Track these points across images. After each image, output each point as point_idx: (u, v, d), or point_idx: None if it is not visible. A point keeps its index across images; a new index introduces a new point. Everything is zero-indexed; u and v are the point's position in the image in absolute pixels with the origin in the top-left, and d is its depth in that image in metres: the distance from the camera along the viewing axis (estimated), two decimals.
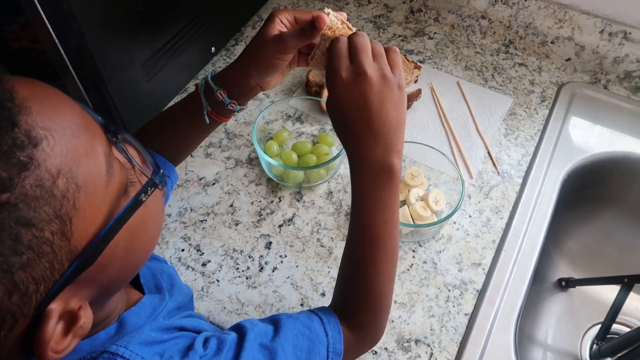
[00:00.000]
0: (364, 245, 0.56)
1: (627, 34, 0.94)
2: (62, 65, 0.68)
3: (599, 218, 0.99)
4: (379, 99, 0.52)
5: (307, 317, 0.55)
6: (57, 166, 0.31)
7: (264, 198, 0.84)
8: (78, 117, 0.35)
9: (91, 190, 0.34)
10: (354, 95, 0.52)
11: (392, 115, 0.53)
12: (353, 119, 0.53)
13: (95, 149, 0.35)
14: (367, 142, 0.53)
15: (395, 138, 0.53)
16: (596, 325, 0.89)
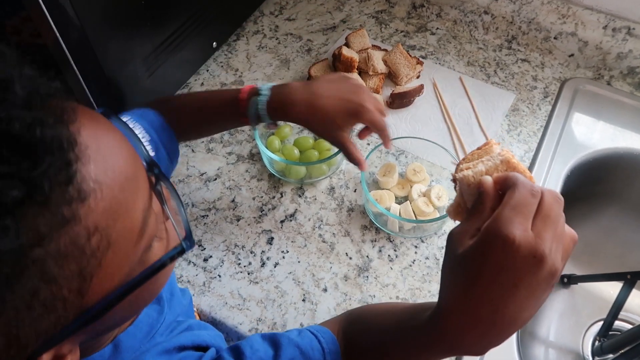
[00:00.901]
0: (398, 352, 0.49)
1: (631, 30, 0.94)
2: (64, 59, 0.68)
3: (602, 214, 0.98)
4: (532, 294, 0.38)
5: (309, 345, 0.53)
6: (96, 223, 0.29)
7: (266, 193, 0.84)
8: (130, 167, 0.33)
9: (120, 248, 0.32)
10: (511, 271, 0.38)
11: (521, 307, 0.39)
12: (477, 293, 0.39)
13: (136, 204, 0.33)
14: (469, 325, 0.40)
15: (503, 332, 0.40)
16: (598, 322, 0.89)
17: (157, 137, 0.65)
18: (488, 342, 0.40)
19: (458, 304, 0.40)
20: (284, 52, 1.04)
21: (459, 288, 0.40)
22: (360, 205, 0.82)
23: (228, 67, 1.02)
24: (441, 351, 0.44)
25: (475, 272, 0.39)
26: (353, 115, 0.65)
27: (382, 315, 0.57)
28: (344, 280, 0.75)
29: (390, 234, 0.79)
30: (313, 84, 0.67)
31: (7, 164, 0.25)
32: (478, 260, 0.39)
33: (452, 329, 0.41)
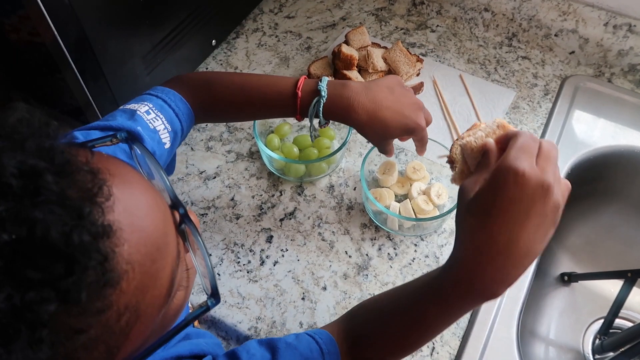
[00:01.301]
0: (411, 327, 0.52)
1: (632, 27, 0.93)
2: (62, 58, 0.68)
3: (602, 212, 0.98)
4: (542, 223, 0.42)
5: (307, 348, 0.53)
6: (127, 303, 0.28)
7: (265, 192, 0.84)
8: (160, 233, 0.32)
9: (148, 316, 0.31)
10: (523, 201, 0.41)
11: (533, 237, 0.42)
12: (494, 226, 0.42)
13: (166, 270, 0.32)
14: (487, 257, 0.42)
15: (518, 265, 0.42)
16: (599, 320, 0.89)
17: (181, 126, 0.64)
18: (505, 276, 0.42)
19: (476, 239, 0.43)
20: (284, 49, 1.04)
21: (476, 224, 0.43)
22: (359, 204, 0.82)
23: (227, 65, 1.01)
24: (459, 297, 0.45)
25: (490, 205, 0.42)
26: (408, 131, 0.65)
27: (382, 299, 0.57)
28: (344, 278, 0.75)
29: (390, 232, 0.79)
30: (374, 89, 0.64)
31: (40, 271, 0.24)
32: (492, 195, 0.42)
33: (472, 266, 0.43)
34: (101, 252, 0.26)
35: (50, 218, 0.24)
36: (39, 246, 0.24)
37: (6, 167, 0.24)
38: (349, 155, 0.88)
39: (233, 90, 0.67)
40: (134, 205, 0.30)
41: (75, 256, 0.25)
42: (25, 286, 0.23)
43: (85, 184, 0.27)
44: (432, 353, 0.68)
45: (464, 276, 0.44)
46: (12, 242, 0.23)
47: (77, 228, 0.25)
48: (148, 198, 0.32)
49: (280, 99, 0.65)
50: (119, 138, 0.36)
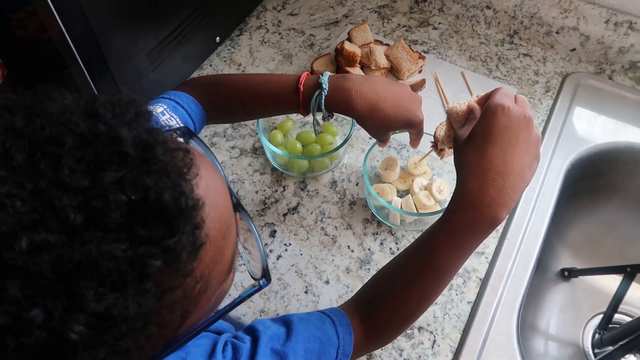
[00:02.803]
0: (425, 272, 0.55)
1: (633, 24, 0.94)
2: (69, 54, 0.68)
3: (602, 208, 0.99)
4: (528, 149, 0.51)
5: (318, 319, 0.55)
6: (202, 272, 0.32)
7: (269, 187, 0.85)
8: (228, 212, 0.35)
9: (213, 288, 0.35)
10: (512, 128, 0.50)
11: (523, 160, 0.50)
12: (490, 151, 0.50)
13: (230, 245, 0.36)
14: (488, 178, 0.49)
15: (514, 187, 0.49)
16: (598, 315, 0.90)
17: (194, 126, 0.66)
18: (505, 197, 0.49)
19: (475, 166, 0.50)
20: (287, 46, 1.05)
21: (474, 153, 0.51)
22: (362, 199, 0.83)
23: (231, 62, 1.02)
24: (468, 226, 0.51)
25: (484, 135, 0.51)
26: (407, 124, 0.67)
27: (390, 262, 0.60)
28: (346, 272, 0.76)
29: (392, 227, 0.80)
30: (375, 82, 0.66)
31: (149, 229, 0.27)
32: (484, 127, 0.51)
33: (475, 190, 0.50)
34: (195, 220, 0.30)
35: (161, 185, 0.28)
36: (151, 208, 0.27)
37: (126, 139, 0.28)
38: (352, 151, 0.89)
39: (239, 88, 0.69)
40: (212, 185, 0.34)
41: (178, 220, 0.28)
42: (137, 241, 0.27)
43: (180, 161, 0.30)
44: (433, 346, 0.69)
45: (469, 202, 0.50)
46: (130, 202, 0.27)
47: (182, 195, 0.29)
48: (221, 180, 0.36)
49: (283, 94, 0.67)
50: (178, 133, 0.40)
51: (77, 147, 0.27)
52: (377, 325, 0.57)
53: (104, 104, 0.30)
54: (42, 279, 0.25)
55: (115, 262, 0.26)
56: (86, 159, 0.27)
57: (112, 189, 0.26)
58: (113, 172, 0.27)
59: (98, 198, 0.26)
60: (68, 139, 0.27)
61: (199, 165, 0.32)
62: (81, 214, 0.26)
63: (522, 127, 0.50)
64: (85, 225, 0.26)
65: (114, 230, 0.26)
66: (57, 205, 0.25)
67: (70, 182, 0.26)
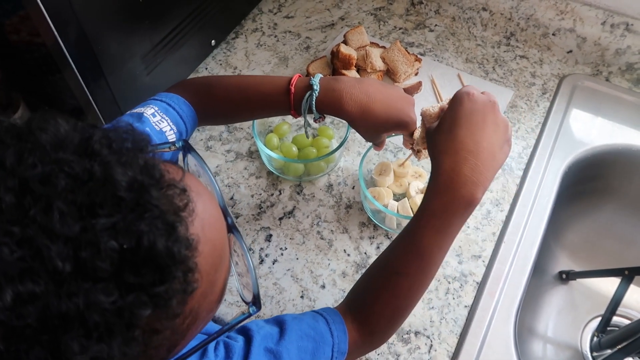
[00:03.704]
0: (410, 260, 0.55)
1: (629, 26, 0.94)
2: (62, 58, 0.68)
3: (600, 210, 0.98)
4: (497, 130, 0.53)
5: (312, 318, 0.55)
6: (191, 307, 0.31)
7: (264, 191, 0.84)
8: (223, 241, 0.35)
9: (202, 319, 0.34)
10: (479, 111, 0.53)
11: (492, 140, 0.53)
12: (460, 132, 0.53)
13: (222, 277, 0.35)
14: (460, 158, 0.51)
15: (487, 166, 0.52)
16: (596, 318, 0.89)
17: (185, 127, 0.66)
18: (479, 176, 0.51)
19: (447, 148, 0.52)
20: (283, 49, 1.05)
21: (445, 137, 0.53)
22: (358, 202, 0.83)
23: (227, 65, 1.02)
24: (446, 207, 0.52)
25: (454, 119, 0.54)
26: (399, 125, 0.66)
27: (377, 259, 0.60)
28: (342, 276, 0.75)
29: (388, 231, 0.79)
30: (367, 84, 0.66)
31: (139, 277, 0.26)
32: (453, 113, 0.54)
33: (449, 171, 0.51)
34: (188, 264, 0.29)
35: (154, 231, 0.27)
36: (143, 256, 0.27)
37: (121, 182, 0.27)
38: (348, 154, 0.89)
39: (231, 90, 0.68)
40: (207, 219, 0.33)
41: (170, 267, 0.28)
42: (127, 290, 0.26)
43: (175, 199, 0.30)
44: (430, 350, 0.69)
45: (445, 183, 0.52)
46: (122, 250, 0.26)
47: (176, 242, 0.28)
48: (215, 211, 0.35)
49: (275, 96, 0.66)
50: (177, 146, 0.39)
51: (70, 189, 0.26)
52: (370, 321, 0.57)
53: (99, 140, 0.29)
54: (27, 329, 0.24)
55: (103, 314, 0.25)
56: (78, 202, 0.26)
57: (103, 236, 0.26)
58: (105, 217, 0.26)
59: (89, 246, 0.25)
60: (60, 180, 0.26)
61: (196, 198, 0.31)
62: (70, 263, 0.25)
63: (488, 110, 0.54)
64: (73, 275, 0.25)
65: (103, 280, 0.26)
66: (46, 255, 0.24)
67: (60, 228, 0.25)
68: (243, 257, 0.38)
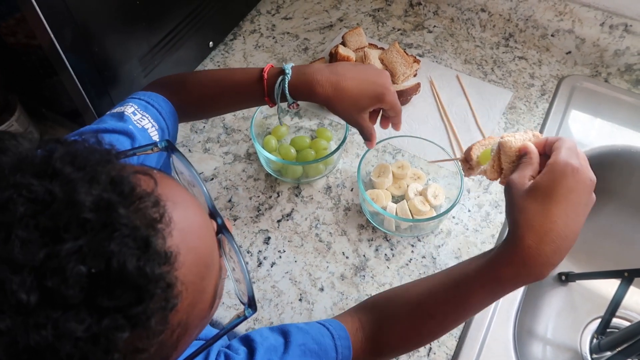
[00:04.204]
0: (450, 311, 0.54)
1: (628, 27, 0.94)
2: (59, 60, 0.68)
3: (599, 212, 0.98)
4: (585, 212, 0.48)
5: (317, 332, 0.54)
6: (179, 320, 0.30)
7: (263, 193, 0.84)
8: (209, 248, 0.34)
9: (194, 328, 0.33)
10: (578, 191, 0.47)
11: (581, 223, 0.48)
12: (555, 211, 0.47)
13: (211, 284, 0.34)
14: (548, 239, 0.47)
15: (568, 249, 0.48)
16: (596, 320, 0.89)
17: (165, 124, 0.66)
18: (556, 258, 0.47)
19: (537, 222, 0.47)
20: (281, 51, 1.04)
21: (538, 209, 0.47)
22: (356, 205, 0.82)
23: (225, 66, 1.01)
24: (511, 278, 0.49)
25: (550, 193, 0.47)
26: (377, 97, 0.66)
27: (411, 286, 0.59)
28: (341, 279, 0.75)
29: (387, 233, 0.79)
30: (337, 65, 0.67)
31: (114, 300, 0.25)
32: (553, 184, 0.47)
33: (531, 247, 0.47)
34: (166, 280, 0.28)
35: (124, 251, 0.26)
36: (114, 278, 0.25)
37: (84, 203, 0.26)
38: (346, 157, 0.88)
39: (206, 83, 0.69)
40: (188, 228, 0.31)
41: (146, 285, 0.26)
42: (101, 314, 0.25)
43: (148, 212, 0.28)
44: (429, 354, 0.68)
45: (522, 258, 0.47)
46: (91, 275, 0.25)
47: (148, 260, 0.26)
48: (198, 218, 0.33)
49: (248, 84, 0.67)
50: (159, 147, 0.38)
51: (30, 214, 0.25)
52: (384, 347, 0.57)
53: (61, 157, 0.27)
54: None
55: (76, 343, 0.24)
56: (40, 227, 0.25)
57: (70, 261, 0.24)
58: (71, 241, 0.25)
59: (54, 274, 0.24)
60: (19, 205, 0.25)
61: (172, 207, 0.30)
62: (35, 294, 0.24)
63: (587, 191, 0.48)
64: (40, 306, 0.24)
65: (74, 307, 0.24)
66: (8, 288, 0.23)
67: (22, 258, 0.24)
68: (235, 258, 0.37)
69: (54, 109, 0.84)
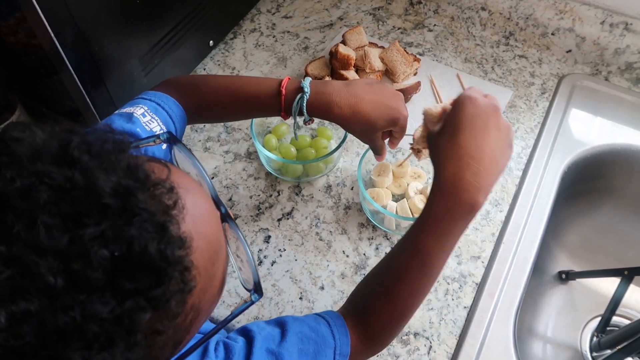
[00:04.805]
0: (412, 265, 0.54)
1: (628, 25, 0.94)
2: (59, 60, 0.68)
3: (599, 210, 0.98)
4: (499, 135, 0.53)
5: (313, 320, 0.55)
6: (192, 303, 0.31)
7: (263, 192, 0.84)
8: (216, 236, 0.35)
9: (205, 312, 0.34)
10: (481, 116, 0.52)
11: (495, 145, 0.52)
12: (463, 137, 0.51)
13: (220, 269, 0.35)
14: (463, 163, 0.51)
15: (489, 171, 0.51)
16: (596, 318, 0.89)
17: (175, 128, 0.66)
18: (481, 181, 0.50)
19: (450, 152, 0.52)
20: (281, 50, 1.04)
21: (447, 141, 0.52)
22: (357, 203, 0.82)
23: (225, 65, 1.02)
24: (448, 212, 0.51)
25: (456, 123, 0.52)
26: (391, 121, 0.67)
27: (378, 264, 0.59)
28: (341, 278, 0.75)
29: (387, 232, 0.79)
30: (354, 85, 0.67)
31: (135, 282, 0.26)
32: (455, 117, 0.53)
33: (451, 176, 0.51)
34: (184, 263, 0.29)
35: (145, 235, 0.27)
36: (136, 261, 0.26)
37: (104, 189, 0.26)
38: (347, 155, 0.88)
39: (220, 91, 0.69)
40: (198, 214, 0.32)
41: (165, 269, 0.27)
42: (124, 296, 0.26)
43: (163, 198, 0.29)
44: (429, 352, 0.69)
45: (447, 188, 0.51)
46: (113, 258, 0.26)
47: (168, 244, 0.27)
48: (207, 205, 0.35)
49: (265, 98, 0.67)
50: (162, 139, 0.38)
51: (52, 201, 0.25)
52: (371, 326, 0.57)
53: (78, 145, 0.28)
54: (26, 347, 0.24)
55: (101, 324, 0.25)
56: (63, 214, 0.25)
57: (93, 245, 0.25)
58: (93, 226, 0.25)
59: (79, 258, 0.25)
60: (42, 192, 0.25)
61: (185, 194, 0.31)
62: (62, 277, 0.24)
63: (490, 114, 0.53)
64: (67, 289, 0.25)
65: (98, 289, 0.25)
66: (35, 272, 0.24)
67: (47, 243, 0.24)
68: (240, 245, 0.38)
69: (55, 108, 0.84)
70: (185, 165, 0.40)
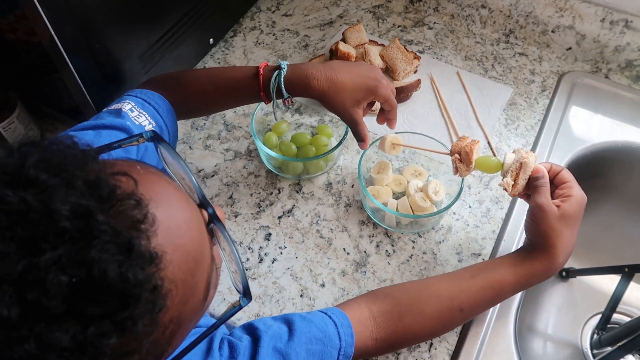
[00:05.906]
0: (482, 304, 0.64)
1: (629, 23, 0.94)
2: (59, 57, 0.68)
3: (600, 208, 0.98)
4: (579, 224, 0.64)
5: (321, 320, 0.55)
6: (171, 317, 0.30)
7: (263, 190, 0.84)
8: (198, 244, 0.33)
9: (188, 322, 0.33)
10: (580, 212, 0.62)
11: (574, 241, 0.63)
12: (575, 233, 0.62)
13: (203, 277, 0.33)
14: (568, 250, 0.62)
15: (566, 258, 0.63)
16: (597, 315, 0.89)
17: (163, 122, 0.66)
18: (566, 259, 0.63)
19: (567, 245, 0.62)
20: (281, 47, 1.04)
21: (567, 235, 0.61)
22: (357, 201, 0.82)
23: (225, 63, 1.01)
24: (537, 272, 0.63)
25: (575, 222, 0.62)
26: (370, 91, 0.68)
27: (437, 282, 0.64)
28: (342, 275, 0.75)
29: (388, 229, 0.79)
30: (331, 62, 0.70)
31: (98, 306, 0.25)
32: (576, 216, 0.62)
33: (561, 260, 0.62)
34: (152, 282, 0.27)
35: (105, 257, 0.25)
36: (97, 285, 0.25)
37: (61, 212, 0.25)
38: (347, 153, 0.88)
39: (201, 80, 0.70)
40: (174, 224, 0.31)
41: (130, 290, 0.26)
42: (86, 322, 0.24)
43: (130, 214, 0.27)
44: (430, 349, 0.69)
45: (552, 267, 0.62)
46: (72, 284, 0.24)
47: (131, 265, 0.26)
48: (185, 213, 0.33)
49: (244, 80, 0.68)
50: (145, 137, 0.37)
51: (6, 226, 0.24)
52: (402, 336, 0.59)
53: (35, 164, 0.26)
54: None
55: (61, 353, 0.24)
56: (17, 239, 0.24)
57: (49, 272, 0.24)
58: (50, 251, 0.24)
59: (34, 286, 0.23)
60: None
61: (156, 206, 0.29)
62: (16, 308, 0.23)
63: None
64: (22, 319, 0.23)
65: (57, 317, 0.24)
66: None
67: (0, 272, 0.23)
68: (228, 248, 0.37)
69: (55, 106, 0.84)
70: (172, 164, 0.39)
